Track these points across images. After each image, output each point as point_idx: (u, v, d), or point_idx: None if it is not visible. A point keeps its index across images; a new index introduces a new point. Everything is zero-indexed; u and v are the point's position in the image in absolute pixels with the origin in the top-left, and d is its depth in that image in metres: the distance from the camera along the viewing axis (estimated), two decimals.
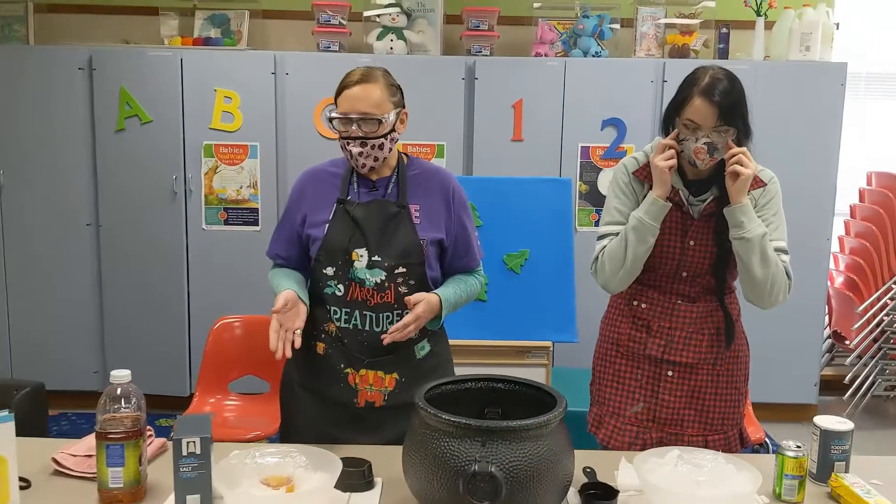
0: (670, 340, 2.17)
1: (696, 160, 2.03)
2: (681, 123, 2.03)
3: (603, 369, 2.29)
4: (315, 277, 2.08)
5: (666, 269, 2.15)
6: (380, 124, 1.99)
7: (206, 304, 4.26)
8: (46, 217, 4.25)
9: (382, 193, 2.08)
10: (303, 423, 2.11)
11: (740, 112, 2.00)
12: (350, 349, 2.05)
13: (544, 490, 1.54)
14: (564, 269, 3.29)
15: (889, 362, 4.49)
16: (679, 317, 2.17)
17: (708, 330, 2.17)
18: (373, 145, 2.00)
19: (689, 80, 2.04)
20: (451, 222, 2.12)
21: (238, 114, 4.17)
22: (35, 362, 4.33)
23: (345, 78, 2.03)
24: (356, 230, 2.03)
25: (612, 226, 2.18)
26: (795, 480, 1.73)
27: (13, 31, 4.34)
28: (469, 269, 2.21)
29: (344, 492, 1.71)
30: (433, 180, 2.13)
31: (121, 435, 1.66)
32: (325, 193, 2.10)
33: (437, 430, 1.56)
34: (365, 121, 1.98)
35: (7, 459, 1.63)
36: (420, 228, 2.06)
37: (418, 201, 2.09)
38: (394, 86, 2.06)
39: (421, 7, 4.32)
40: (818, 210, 4.28)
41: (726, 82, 2.00)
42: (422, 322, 2.00)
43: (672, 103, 2.07)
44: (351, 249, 2.02)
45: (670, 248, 2.13)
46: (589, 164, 4.20)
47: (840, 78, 4.20)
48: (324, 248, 2.04)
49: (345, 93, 2.00)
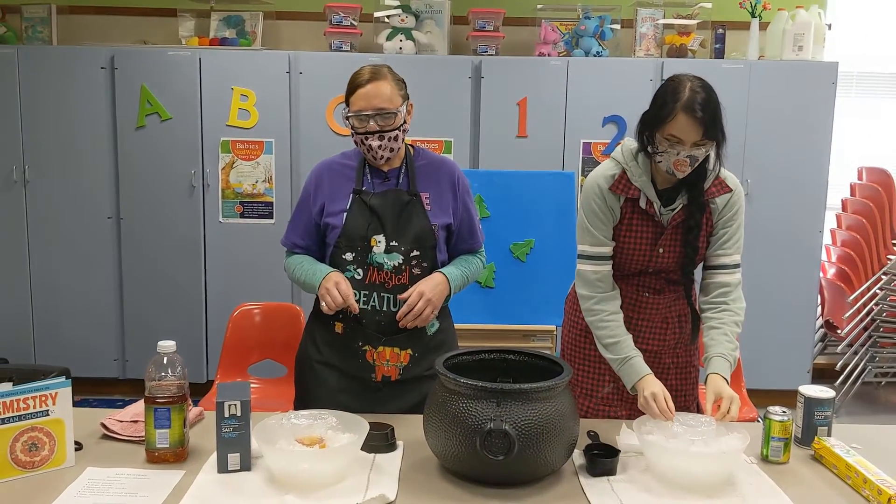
0: (637, 330, 2.19)
1: (676, 172, 2.02)
2: (662, 138, 2.00)
3: (573, 352, 2.33)
4: (334, 263, 2.20)
5: (634, 269, 2.20)
6: (395, 117, 2.12)
7: (223, 294, 4.40)
8: (69, 210, 4.38)
9: (395, 183, 2.22)
10: (322, 395, 2.21)
11: (719, 124, 1.98)
12: (368, 328, 2.18)
13: (552, 447, 1.70)
14: (568, 257, 3.40)
15: (879, 350, 4.61)
16: (645, 308, 2.21)
17: (671, 318, 2.22)
18: (389, 137, 2.14)
19: (667, 94, 1.99)
20: (457, 207, 2.27)
21: (254, 111, 4.31)
22: (57, 350, 4.46)
23: (355, 78, 2.14)
24: (374, 218, 2.16)
25: (595, 247, 2.15)
26: (781, 443, 1.87)
27: (37, 32, 4.49)
28: (473, 250, 2.35)
29: (369, 453, 1.85)
30: (440, 170, 2.27)
31: (167, 399, 1.79)
32: (341, 184, 2.22)
33: (456, 393, 1.73)
34: (381, 115, 2.11)
35: (65, 421, 1.79)
36: (431, 214, 2.21)
37: (428, 190, 2.23)
38: (400, 80, 2.18)
39: (429, 8, 4.45)
40: (811, 204, 4.41)
41: (704, 94, 1.96)
42: (435, 303, 2.14)
43: (651, 116, 2.03)
44: (369, 236, 2.15)
45: (641, 255, 2.16)
46: (590, 160, 4.34)
47: (832, 77, 4.31)
48: (343, 236, 2.17)
49: (358, 92, 2.11)
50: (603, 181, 2.15)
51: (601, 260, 2.17)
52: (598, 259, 2.17)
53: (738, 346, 2.10)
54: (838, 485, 1.78)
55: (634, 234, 2.15)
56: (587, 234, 2.17)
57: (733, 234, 2.15)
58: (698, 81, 2.00)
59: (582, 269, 2.19)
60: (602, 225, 2.15)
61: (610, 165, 2.18)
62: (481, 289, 3.40)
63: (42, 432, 1.76)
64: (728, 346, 2.06)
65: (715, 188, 2.13)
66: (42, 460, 1.76)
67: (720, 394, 1.94)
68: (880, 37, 5.00)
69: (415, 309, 2.12)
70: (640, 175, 2.11)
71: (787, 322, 4.47)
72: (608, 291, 2.17)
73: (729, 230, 2.15)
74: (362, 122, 2.12)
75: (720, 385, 1.97)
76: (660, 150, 2.02)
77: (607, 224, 2.15)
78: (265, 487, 1.70)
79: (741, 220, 2.16)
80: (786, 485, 1.76)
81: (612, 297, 2.17)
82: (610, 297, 2.16)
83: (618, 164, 2.16)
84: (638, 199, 2.13)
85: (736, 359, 2.07)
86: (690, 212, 2.11)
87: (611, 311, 2.14)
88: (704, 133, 1.96)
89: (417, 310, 2.12)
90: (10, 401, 1.72)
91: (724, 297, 2.14)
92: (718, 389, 1.96)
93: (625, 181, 2.13)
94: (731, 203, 2.14)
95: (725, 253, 2.15)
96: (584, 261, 2.18)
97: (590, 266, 2.17)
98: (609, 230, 2.16)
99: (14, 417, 1.72)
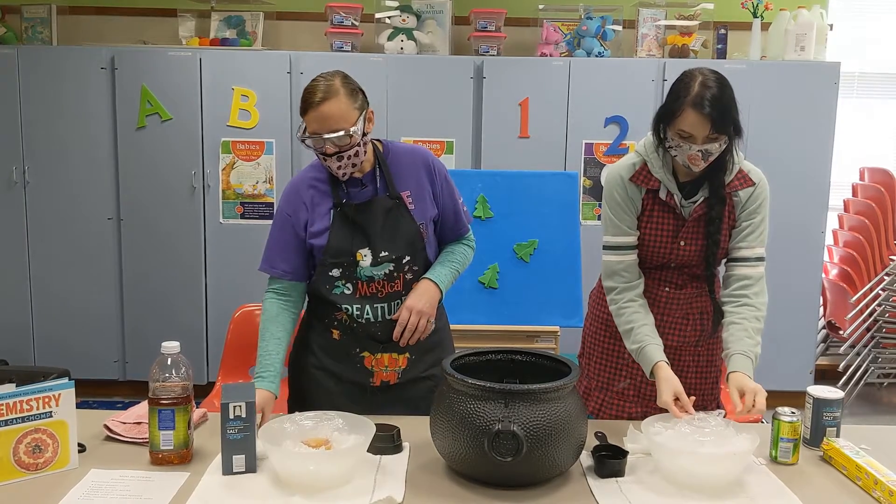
0: (658, 325, 2.18)
1: (691, 166, 2.02)
2: (673, 132, 2.00)
3: (592, 345, 2.35)
4: (322, 280, 2.14)
5: (655, 263, 2.19)
6: (350, 137, 1.99)
7: (223, 295, 4.39)
8: (69, 211, 4.36)
9: (373, 189, 2.14)
10: (319, 400, 2.16)
11: (731, 118, 1.97)
12: (364, 336, 2.15)
13: (561, 448, 1.69)
14: (571, 257, 3.43)
15: (882, 351, 4.61)
16: (666, 303, 2.21)
17: (693, 314, 2.22)
18: (349, 156, 2.02)
19: (679, 89, 1.99)
20: (438, 193, 2.20)
21: (255, 111, 4.30)
22: (57, 351, 4.45)
23: (306, 96, 2.00)
24: (357, 231, 2.10)
25: (618, 237, 2.16)
26: (790, 443, 1.86)
27: (37, 32, 4.47)
28: (460, 235, 2.29)
29: (375, 455, 1.84)
30: (414, 160, 2.19)
31: (171, 401, 1.78)
32: (319, 201, 2.14)
33: (463, 394, 1.71)
34: (336, 137, 1.99)
35: (68, 423, 1.77)
36: (416, 213, 2.15)
37: (406, 186, 2.16)
38: (355, 90, 2.03)
39: (430, 9, 4.44)
40: (813, 204, 4.40)
41: (716, 89, 1.95)
42: (429, 312, 2.11)
43: (663, 111, 2.03)
44: (354, 251, 2.10)
45: (662, 247, 2.15)
46: (592, 161, 4.34)
47: (834, 77, 4.31)
48: (328, 253, 2.10)
49: (310, 113, 1.99)
50: (625, 171, 2.16)
51: (625, 250, 2.16)
52: (621, 249, 2.16)
53: (759, 343, 2.05)
54: (848, 486, 1.77)
55: (655, 225, 2.15)
56: (610, 225, 2.17)
57: (757, 227, 2.13)
58: (712, 76, 1.98)
59: (606, 260, 2.19)
60: (625, 215, 2.15)
61: (632, 156, 2.19)
62: (485, 289, 3.39)
63: (45, 434, 1.74)
64: (748, 343, 2.03)
65: (738, 181, 2.12)
66: (45, 462, 1.75)
67: (743, 388, 1.92)
68: (882, 37, 5.00)
69: (408, 325, 2.10)
70: (660, 167, 2.11)
71: (790, 323, 4.46)
72: (632, 281, 2.16)
73: (752, 222, 2.12)
74: (318, 143, 2.01)
75: (743, 380, 1.95)
76: (673, 144, 2.02)
77: (630, 214, 2.15)
78: (271, 489, 1.68)
79: (765, 213, 2.14)
80: (795, 486, 1.75)
81: (635, 286, 2.16)
82: (633, 286, 2.16)
83: (639, 155, 2.16)
84: (658, 191, 2.13)
85: (757, 355, 2.03)
86: (711, 204, 2.11)
87: (629, 299, 2.14)
88: (713, 128, 1.95)
89: (411, 325, 2.10)
90: (13, 402, 1.71)
91: (745, 291, 2.11)
92: (741, 384, 1.94)
93: (645, 172, 2.13)
94: (754, 196, 2.12)
95: (748, 245, 2.13)
96: (609, 251, 2.18)
97: (614, 256, 2.17)
98: (632, 220, 2.16)
99: (17, 419, 1.71)
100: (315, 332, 2.22)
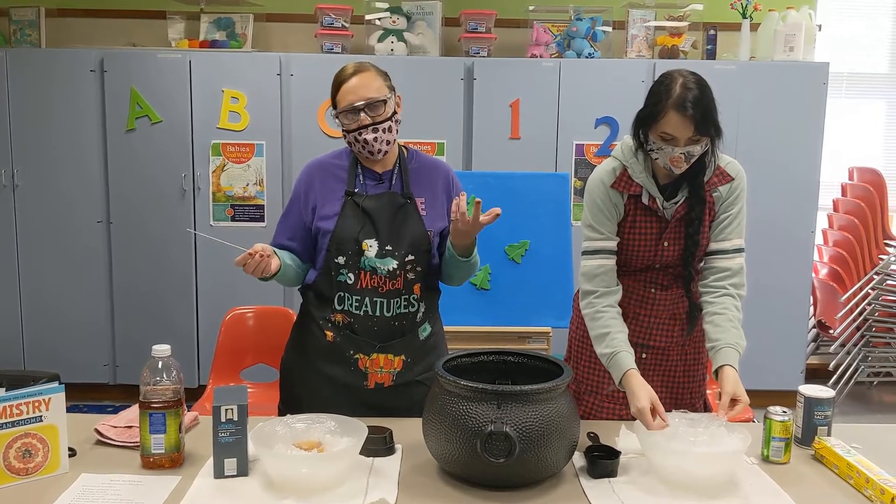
0: (645, 326, 2.19)
1: (673, 168, 2.02)
2: (655, 135, 1.99)
3: (580, 349, 2.32)
4: (326, 266, 2.15)
5: (640, 265, 2.19)
6: (385, 105, 2.08)
7: (214, 298, 4.38)
8: (59, 214, 4.35)
9: (388, 185, 2.18)
10: (312, 403, 2.13)
11: (712, 119, 1.96)
12: (360, 335, 2.14)
13: (553, 449, 1.69)
14: (563, 258, 3.43)
15: (872, 350, 4.64)
16: (653, 304, 2.20)
17: (679, 315, 2.21)
18: (383, 129, 2.09)
19: (660, 91, 1.98)
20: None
21: (245, 113, 4.29)
22: (47, 354, 4.43)
23: (339, 75, 2.11)
24: (366, 221, 2.12)
25: (599, 242, 2.15)
26: (782, 443, 1.87)
27: (26, 34, 4.45)
28: None
29: (367, 457, 1.83)
30: (434, 173, 2.24)
31: (162, 404, 1.77)
32: (333, 185, 2.18)
33: (456, 396, 1.71)
34: (371, 105, 2.06)
35: (59, 427, 1.76)
36: (427, 219, 2.17)
37: (423, 194, 2.20)
38: (384, 73, 2.15)
39: (420, 10, 4.45)
40: (802, 204, 4.42)
41: (697, 90, 1.94)
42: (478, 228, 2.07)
43: (644, 114, 2.02)
44: (361, 240, 2.11)
45: (647, 250, 2.15)
46: (583, 161, 4.35)
47: (822, 77, 4.33)
48: (334, 239, 2.13)
49: (344, 87, 2.08)
50: (606, 177, 2.15)
51: (604, 254, 2.15)
52: (602, 253, 2.15)
53: (743, 335, 2.05)
54: (840, 484, 1.77)
55: (639, 229, 2.14)
56: (590, 230, 2.17)
57: (734, 218, 2.12)
58: (692, 77, 1.98)
59: (585, 265, 2.18)
60: (605, 220, 2.14)
61: (610, 161, 2.18)
62: (476, 291, 3.39)
63: (36, 438, 1.73)
64: (735, 334, 2.02)
65: (717, 178, 2.12)
66: (36, 467, 1.74)
67: (737, 397, 1.90)
68: (870, 38, 5.03)
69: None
70: (640, 171, 2.11)
71: (780, 322, 4.48)
72: (611, 287, 2.14)
73: (730, 214, 2.12)
74: (353, 116, 2.08)
75: (738, 387, 1.93)
76: (655, 147, 2.01)
77: (611, 219, 2.15)
78: (263, 493, 1.68)
79: (742, 204, 2.14)
80: (787, 485, 1.76)
81: (613, 293, 2.14)
82: (612, 292, 2.14)
83: (618, 161, 2.15)
84: (640, 196, 2.13)
85: (743, 348, 2.03)
86: (691, 205, 2.11)
87: (608, 304, 2.12)
88: (696, 130, 1.94)
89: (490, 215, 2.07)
90: (2, 407, 1.69)
91: (724, 282, 2.10)
92: (736, 392, 1.91)
93: (626, 178, 2.13)
94: (732, 189, 2.13)
95: (725, 237, 2.12)
96: (588, 256, 2.17)
97: (593, 261, 2.16)
98: (612, 225, 2.15)
99: (7, 424, 1.70)
100: (309, 333, 2.22)
